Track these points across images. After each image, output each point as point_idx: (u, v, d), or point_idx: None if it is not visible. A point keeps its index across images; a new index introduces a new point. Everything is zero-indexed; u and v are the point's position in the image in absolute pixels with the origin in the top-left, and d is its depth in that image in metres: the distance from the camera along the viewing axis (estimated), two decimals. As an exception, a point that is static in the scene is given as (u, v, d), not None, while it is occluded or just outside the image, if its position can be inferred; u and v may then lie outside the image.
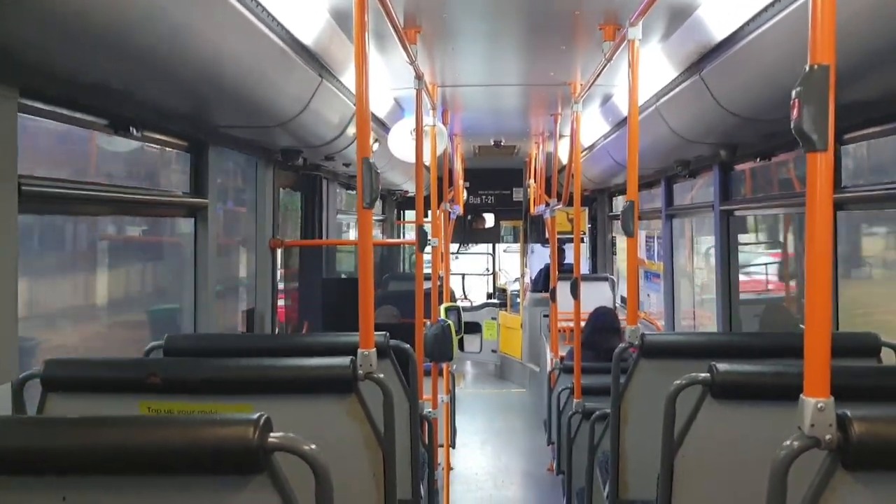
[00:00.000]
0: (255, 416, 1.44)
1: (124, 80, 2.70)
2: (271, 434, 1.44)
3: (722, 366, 2.17)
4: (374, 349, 2.34)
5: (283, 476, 1.46)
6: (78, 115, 2.91)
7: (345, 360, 2.25)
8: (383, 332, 2.83)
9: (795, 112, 1.43)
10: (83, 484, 1.46)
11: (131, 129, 3.13)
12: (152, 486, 1.48)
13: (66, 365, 2.37)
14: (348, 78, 4.12)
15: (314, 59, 3.65)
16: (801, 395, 1.46)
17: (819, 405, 1.44)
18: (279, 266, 5.42)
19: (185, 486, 1.47)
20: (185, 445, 1.44)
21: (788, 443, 1.46)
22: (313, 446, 1.46)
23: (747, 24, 3.01)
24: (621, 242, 9.93)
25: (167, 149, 3.87)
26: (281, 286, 5.76)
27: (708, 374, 2.17)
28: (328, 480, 1.47)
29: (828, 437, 1.44)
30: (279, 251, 5.22)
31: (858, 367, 2.42)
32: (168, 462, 1.45)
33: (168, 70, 2.63)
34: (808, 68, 1.43)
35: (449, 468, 6.08)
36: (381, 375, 2.35)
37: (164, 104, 3.22)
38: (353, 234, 8.60)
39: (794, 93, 1.44)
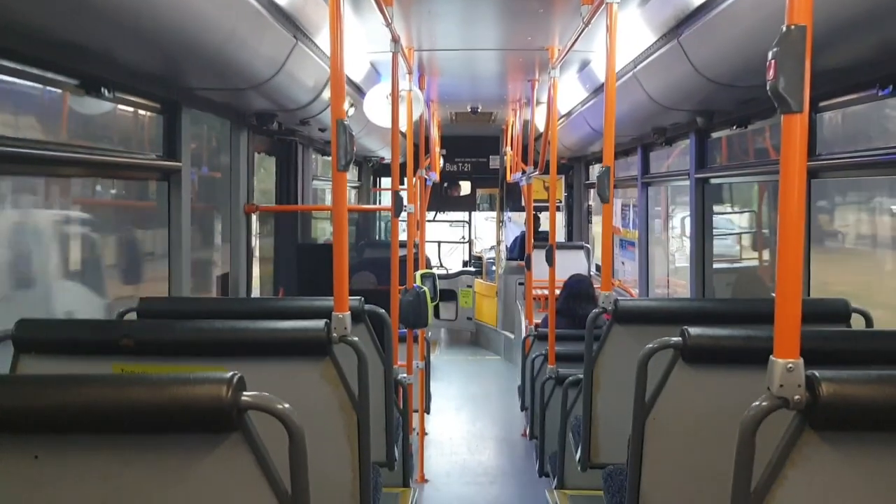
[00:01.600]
0: (229, 374, 1.44)
1: (94, 39, 2.63)
2: (244, 393, 1.44)
3: (693, 330, 2.18)
4: (349, 312, 2.34)
5: (256, 435, 1.46)
6: (48, 74, 2.85)
7: (319, 323, 2.25)
8: (358, 297, 2.83)
9: (772, 73, 1.43)
10: (55, 443, 1.46)
11: (103, 89, 3.07)
12: (125, 444, 1.47)
13: (38, 325, 2.34)
14: (323, 40, 4.06)
15: (288, 20, 3.59)
16: (771, 356, 1.48)
17: (788, 366, 1.46)
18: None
19: (158, 445, 1.47)
20: (158, 404, 1.43)
21: (757, 403, 1.48)
22: (286, 405, 1.46)
23: (726, -12, 3.00)
24: (597, 211, 9.96)
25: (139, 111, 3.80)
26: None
27: (680, 338, 2.19)
28: (301, 440, 1.47)
29: (796, 397, 1.46)
30: (254, 216, 5.17)
31: (827, 331, 2.44)
32: (140, 420, 1.44)
33: (138, 28, 2.57)
34: (784, 28, 1.43)
35: (423, 433, 6.12)
36: (356, 339, 2.35)
37: (136, 64, 3.15)
38: (328, 201, 8.54)
39: (770, 53, 1.44)
